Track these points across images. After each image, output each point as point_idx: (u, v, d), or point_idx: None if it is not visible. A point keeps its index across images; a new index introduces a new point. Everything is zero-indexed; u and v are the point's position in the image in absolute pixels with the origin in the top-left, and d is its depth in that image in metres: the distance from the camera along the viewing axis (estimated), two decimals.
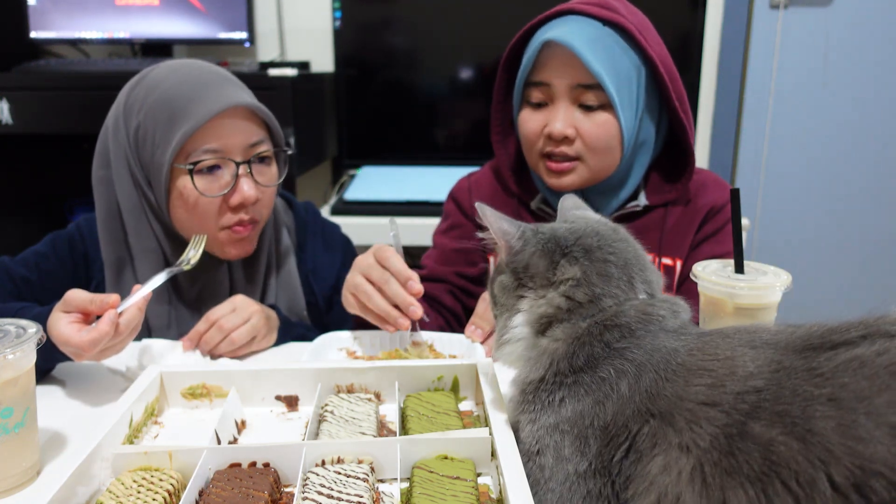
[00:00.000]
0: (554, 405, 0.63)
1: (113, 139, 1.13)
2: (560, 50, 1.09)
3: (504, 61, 1.22)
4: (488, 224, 0.71)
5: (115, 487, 0.65)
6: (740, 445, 0.49)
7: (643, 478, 0.55)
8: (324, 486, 0.62)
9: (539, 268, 0.68)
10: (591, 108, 1.11)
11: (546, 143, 1.14)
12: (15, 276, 1.14)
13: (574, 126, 1.11)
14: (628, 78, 1.10)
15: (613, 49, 1.09)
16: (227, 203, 1.11)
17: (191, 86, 1.09)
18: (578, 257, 0.67)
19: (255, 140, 1.12)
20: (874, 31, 2.51)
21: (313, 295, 1.30)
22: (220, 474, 0.66)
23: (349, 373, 0.86)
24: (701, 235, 1.20)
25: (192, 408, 0.87)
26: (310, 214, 1.37)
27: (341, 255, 1.35)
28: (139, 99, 1.11)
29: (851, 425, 0.45)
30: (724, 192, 1.23)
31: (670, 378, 0.57)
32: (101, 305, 0.88)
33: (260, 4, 2.49)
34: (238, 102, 1.09)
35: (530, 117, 1.16)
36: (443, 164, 2.41)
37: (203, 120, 1.06)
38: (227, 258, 1.18)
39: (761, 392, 0.51)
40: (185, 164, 1.07)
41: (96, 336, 0.86)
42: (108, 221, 1.15)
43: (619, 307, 0.65)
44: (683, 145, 1.19)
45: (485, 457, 0.70)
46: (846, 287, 2.72)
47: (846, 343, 0.51)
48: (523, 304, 0.69)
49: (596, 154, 1.13)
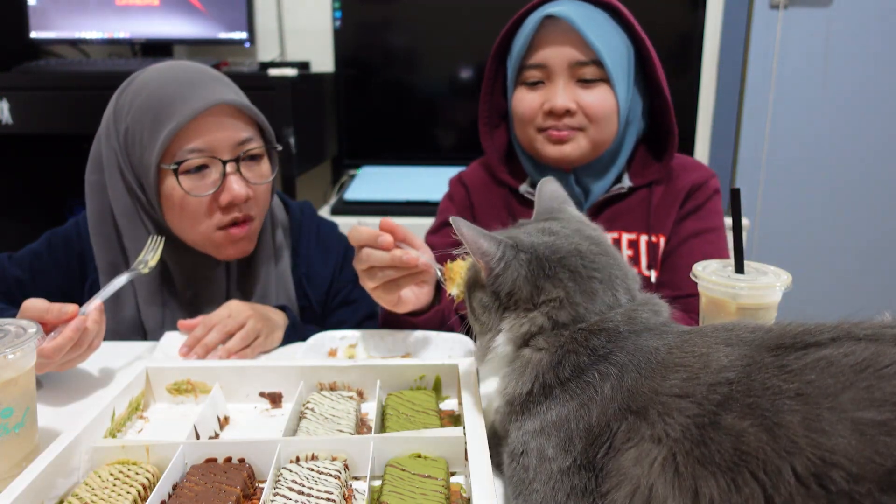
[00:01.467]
0: (541, 413, 0.63)
1: (105, 144, 1.13)
2: (558, 26, 1.13)
3: (495, 50, 1.24)
4: (465, 241, 0.68)
5: (91, 480, 0.65)
6: (712, 435, 0.50)
7: (617, 471, 0.55)
8: (295, 483, 0.63)
9: (522, 293, 0.67)
10: (589, 84, 1.15)
11: (545, 119, 1.17)
12: (9, 276, 1.15)
13: (574, 100, 1.15)
14: (620, 54, 1.15)
15: (607, 26, 1.15)
16: (218, 202, 1.10)
17: (176, 86, 1.08)
18: (563, 279, 0.66)
19: (243, 138, 1.11)
20: (874, 31, 2.50)
21: (307, 299, 1.28)
22: (195, 469, 0.67)
23: (332, 371, 0.87)
24: (683, 211, 1.23)
25: (177, 403, 0.88)
26: (305, 215, 1.35)
27: (336, 257, 1.33)
28: (127, 102, 1.11)
29: (816, 419, 0.46)
30: (704, 172, 1.26)
31: (649, 375, 0.58)
32: (58, 315, 0.87)
33: (260, 4, 2.50)
34: (221, 100, 1.08)
35: (526, 96, 1.19)
36: (442, 165, 2.40)
37: (186, 119, 1.05)
38: (225, 258, 1.17)
39: (733, 384, 0.52)
40: (171, 165, 1.07)
41: (60, 342, 0.85)
42: (100, 226, 1.15)
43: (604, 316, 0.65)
44: (664, 126, 1.22)
45: (458, 456, 0.70)
46: (846, 287, 2.70)
47: (816, 344, 0.52)
48: (505, 324, 0.68)
49: (597, 124, 1.16)
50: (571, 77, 1.15)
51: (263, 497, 0.62)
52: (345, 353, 1.07)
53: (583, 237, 0.71)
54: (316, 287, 1.29)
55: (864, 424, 0.44)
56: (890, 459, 0.42)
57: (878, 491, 0.42)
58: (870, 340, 0.50)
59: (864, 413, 0.44)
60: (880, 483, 0.42)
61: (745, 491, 0.46)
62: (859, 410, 0.45)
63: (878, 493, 0.42)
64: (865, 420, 0.44)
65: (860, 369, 0.47)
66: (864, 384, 0.46)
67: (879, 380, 0.46)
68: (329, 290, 1.31)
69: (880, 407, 0.44)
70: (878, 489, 0.42)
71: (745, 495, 0.46)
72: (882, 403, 0.44)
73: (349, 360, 0.89)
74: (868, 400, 0.45)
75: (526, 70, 1.18)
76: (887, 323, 0.53)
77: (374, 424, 0.77)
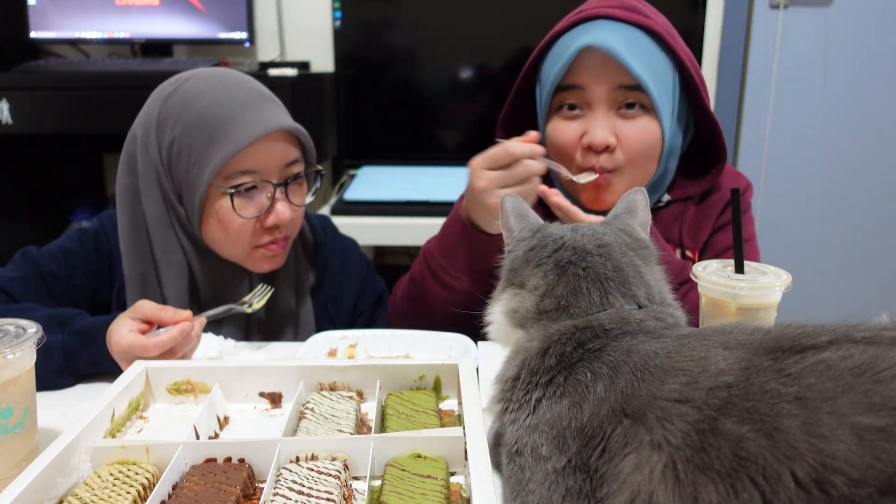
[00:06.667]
0: (531, 405, 0.63)
1: (142, 150, 1.10)
2: (597, 55, 1.06)
3: (526, 70, 1.18)
4: (500, 215, 0.78)
5: (91, 480, 0.65)
6: (712, 441, 0.50)
7: (616, 477, 0.55)
8: (295, 483, 0.63)
9: (518, 272, 0.73)
10: (631, 113, 1.08)
11: (584, 155, 1.10)
12: (44, 270, 1.14)
13: (615, 132, 1.08)
14: (665, 81, 1.08)
15: (650, 51, 1.07)
16: (262, 224, 1.11)
17: (230, 105, 1.06)
18: (547, 270, 0.70)
19: (290, 160, 1.12)
20: (874, 31, 2.50)
21: (331, 323, 1.27)
22: (195, 469, 0.67)
23: (332, 371, 0.87)
24: (720, 222, 1.19)
25: (177, 403, 0.88)
26: (328, 235, 1.34)
27: (359, 279, 1.33)
28: (174, 113, 1.08)
29: (816, 424, 0.46)
30: (742, 181, 1.23)
31: (646, 379, 0.57)
32: (173, 315, 0.94)
33: (260, 4, 2.50)
34: (279, 126, 1.08)
35: (565, 127, 1.12)
36: (443, 165, 2.41)
37: (244, 144, 1.04)
38: (258, 272, 1.17)
39: (731, 388, 0.52)
40: (226, 187, 1.06)
41: (165, 339, 0.91)
42: (133, 233, 1.13)
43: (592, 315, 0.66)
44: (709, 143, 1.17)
45: (458, 456, 0.71)
46: (846, 287, 2.70)
47: (815, 347, 0.52)
48: (505, 294, 0.75)
49: (635, 164, 1.10)
50: (612, 105, 1.08)
51: (263, 497, 0.63)
52: (345, 352, 1.08)
53: (597, 239, 0.72)
54: (342, 310, 1.30)
55: (862, 429, 0.44)
56: (890, 466, 0.42)
57: (878, 494, 0.42)
58: (868, 343, 0.50)
59: (862, 418, 0.45)
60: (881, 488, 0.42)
61: (743, 496, 0.46)
62: (858, 415, 0.45)
63: (879, 497, 0.42)
64: (864, 425, 0.44)
65: (858, 373, 0.47)
66: (863, 388, 0.46)
67: (877, 384, 0.46)
68: (353, 313, 1.32)
69: (879, 412, 0.44)
70: (879, 493, 0.42)
71: (744, 500, 0.46)
72: (881, 408, 0.45)
73: (349, 360, 0.89)
74: (867, 404, 0.45)
75: (562, 93, 1.11)
76: (885, 325, 0.53)
77: (373, 424, 0.77)
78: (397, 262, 2.72)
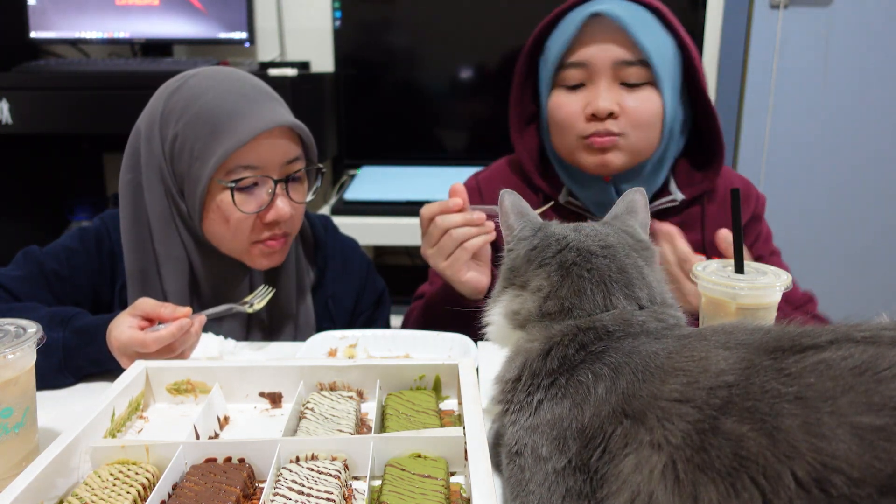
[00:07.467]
0: (532, 406, 0.63)
1: (146, 146, 1.11)
2: (603, 24, 1.08)
3: (528, 48, 1.18)
4: (500, 212, 0.77)
5: (91, 480, 0.65)
6: (712, 441, 0.50)
7: (616, 477, 0.55)
8: (295, 483, 0.63)
9: (520, 272, 0.72)
10: (633, 87, 1.09)
11: (587, 124, 1.11)
12: (46, 269, 1.14)
13: (618, 103, 1.09)
14: (669, 57, 1.10)
15: (655, 28, 1.09)
16: (262, 219, 1.11)
17: (234, 100, 1.07)
18: (551, 272, 0.69)
19: (291, 157, 1.12)
20: (874, 31, 2.50)
21: (332, 322, 1.28)
22: (195, 469, 0.67)
23: (332, 371, 0.87)
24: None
25: (177, 403, 0.88)
26: (329, 234, 1.35)
27: (359, 279, 1.33)
28: (177, 108, 1.09)
29: (816, 423, 0.46)
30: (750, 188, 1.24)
31: (647, 379, 0.57)
32: (172, 311, 0.94)
33: (260, 4, 2.50)
34: (282, 122, 1.09)
35: (567, 100, 1.13)
36: (443, 164, 2.41)
37: (247, 138, 1.05)
38: (257, 268, 1.18)
39: (732, 387, 0.52)
40: (227, 181, 1.07)
41: (163, 334, 0.92)
42: (135, 228, 1.13)
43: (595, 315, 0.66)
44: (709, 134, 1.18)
45: (458, 456, 0.70)
46: (846, 287, 2.70)
47: (815, 347, 0.52)
48: (505, 295, 0.74)
49: (639, 130, 1.10)
50: (615, 79, 1.09)
51: (263, 497, 0.63)
52: (345, 352, 1.08)
53: (600, 240, 0.72)
54: (342, 310, 1.30)
55: (862, 429, 0.44)
56: (890, 465, 0.42)
57: (878, 494, 0.42)
58: (868, 343, 0.50)
59: (862, 418, 0.45)
60: (881, 487, 0.42)
61: (744, 496, 0.46)
62: (858, 415, 0.45)
63: (879, 497, 0.42)
64: (864, 425, 0.44)
65: (859, 373, 0.47)
66: (863, 388, 0.46)
67: (878, 383, 0.46)
68: (353, 313, 1.32)
69: (879, 411, 0.45)
70: (879, 493, 0.42)
71: (744, 500, 0.46)
72: (881, 408, 0.45)
73: (349, 360, 0.89)
74: (867, 404, 0.45)
75: (565, 70, 1.12)
76: (885, 325, 0.53)
77: (373, 424, 0.77)
78: (397, 262, 2.72)
